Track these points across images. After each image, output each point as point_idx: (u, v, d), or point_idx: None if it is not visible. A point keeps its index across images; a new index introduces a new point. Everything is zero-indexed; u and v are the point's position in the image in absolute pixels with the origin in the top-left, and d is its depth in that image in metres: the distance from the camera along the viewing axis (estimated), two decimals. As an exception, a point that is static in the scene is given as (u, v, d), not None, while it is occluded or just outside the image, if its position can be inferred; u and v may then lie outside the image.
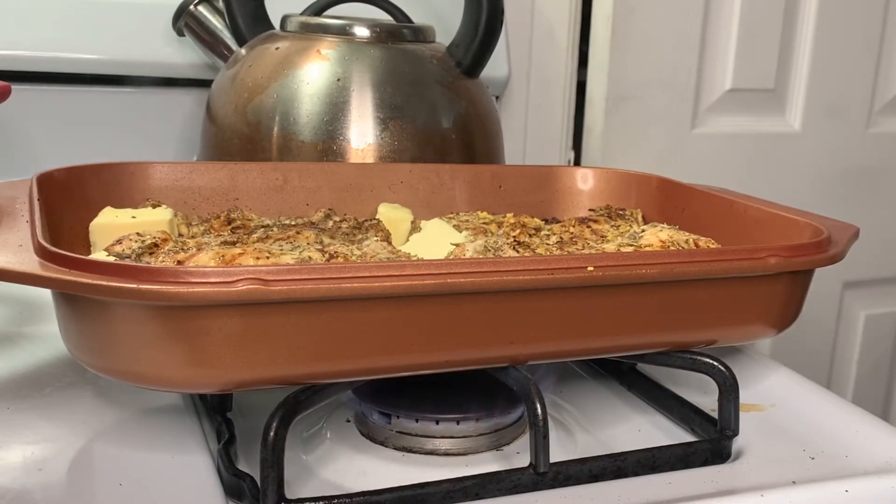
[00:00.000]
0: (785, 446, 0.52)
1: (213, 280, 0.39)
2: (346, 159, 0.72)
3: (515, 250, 0.56)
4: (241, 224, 0.61)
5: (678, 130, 1.20)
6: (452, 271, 0.43)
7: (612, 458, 0.48)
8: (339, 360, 0.43)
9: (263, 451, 0.42)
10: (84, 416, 0.52)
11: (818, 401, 0.58)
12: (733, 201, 0.64)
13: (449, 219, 0.67)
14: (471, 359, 0.46)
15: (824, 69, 1.24)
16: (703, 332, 0.52)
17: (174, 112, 0.94)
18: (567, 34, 1.15)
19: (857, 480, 0.48)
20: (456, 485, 0.44)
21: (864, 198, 1.31)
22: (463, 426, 0.51)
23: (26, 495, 0.43)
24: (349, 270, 0.42)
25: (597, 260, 0.46)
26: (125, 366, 0.43)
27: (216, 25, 0.85)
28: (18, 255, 0.42)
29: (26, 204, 0.52)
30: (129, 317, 0.41)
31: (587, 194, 0.74)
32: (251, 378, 0.42)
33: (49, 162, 0.61)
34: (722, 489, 0.47)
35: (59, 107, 0.91)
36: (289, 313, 0.41)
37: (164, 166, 0.63)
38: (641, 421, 0.56)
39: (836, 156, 1.28)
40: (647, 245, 0.57)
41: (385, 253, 0.53)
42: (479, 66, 0.79)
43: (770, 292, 0.52)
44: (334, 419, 0.54)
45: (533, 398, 0.46)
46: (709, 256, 0.49)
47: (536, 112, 1.17)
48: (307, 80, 0.73)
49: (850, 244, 0.55)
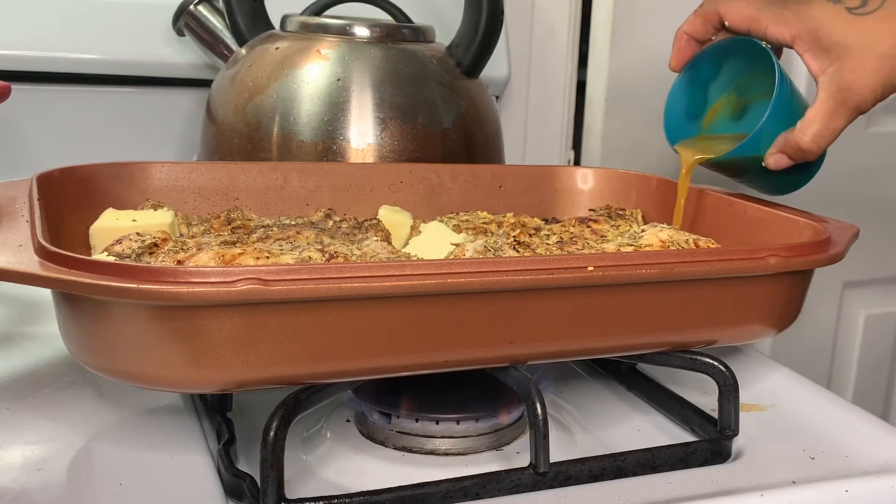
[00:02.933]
0: (785, 446, 0.52)
1: (213, 280, 0.39)
2: (346, 159, 0.72)
3: (515, 250, 0.56)
4: (241, 224, 0.61)
5: (678, 130, 1.20)
6: (452, 271, 0.43)
7: (612, 458, 0.48)
8: (339, 360, 0.43)
9: (263, 451, 0.42)
10: (84, 416, 0.52)
11: (818, 401, 0.58)
12: (733, 201, 0.64)
13: (449, 219, 0.67)
14: (471, 359, 0.46)
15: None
16: (703, 332, 0.52)
17: (174, 112, 0.94)
18: (567, 34, 1.15)
19: (857, 480, 0.48)
20: (456, 485, 0.44)
21: (864, 198, 1.31)
22: (463, 426, 0.51)
23: (26, 495, 0.43)
24: (349, 270, 0.42)
25: (597, 260, 0.46)
26: (125, 366, 0.43)
27: (216, 25, 0.85)
28: (18, 255, 0.42)
29: (26, 204, 0.52)
30: (129, 317, 0.41)
31: (587, 194, 0.74)
32: (251, 378, 0.42)
33: (49, 162, 0.61)
34: (722, 489, 0.47)
35: (59, 107, 0.91)
36: (289, 313, 0.41)
37: (164, 166, 0.63)
38: (641, 421, 0.56)
39: (835, 156, 1.28)
40: (647, 245, 0.57)
41: (385, 253, 0.53)
42: (479, 66, 0.79)
43: (770, 292, 0.52)
44: (334, 419, 0.54)
45: (533, 398, 0.46)
46: (709, 256, 0.49)
47: (536, 112, 1.17)
48: (307, 80, 0.73)
49: (850, 244, 0.55)
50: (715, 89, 0.69)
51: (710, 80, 0.68)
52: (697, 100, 0.69)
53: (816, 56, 0.59)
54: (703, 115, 0.69)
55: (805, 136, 0.59)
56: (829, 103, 0.58)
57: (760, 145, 0.62)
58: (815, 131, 0.59)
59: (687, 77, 0.67)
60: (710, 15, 0.63)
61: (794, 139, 0.60)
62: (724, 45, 0.65)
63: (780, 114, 0.61)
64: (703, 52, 0.66)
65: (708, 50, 0.65)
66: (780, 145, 0.61)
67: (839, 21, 0.58)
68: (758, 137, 0.61)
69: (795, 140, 0.60)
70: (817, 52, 0.59)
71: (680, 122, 0.69)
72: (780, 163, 0.61)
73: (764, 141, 0.62)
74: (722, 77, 0.68)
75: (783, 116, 0.61)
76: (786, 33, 0.60)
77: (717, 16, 0.63)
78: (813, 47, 0.59)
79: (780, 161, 0.61)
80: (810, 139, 0.59)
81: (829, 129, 0.59)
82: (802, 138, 0.59)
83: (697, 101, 0.69)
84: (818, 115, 0.59)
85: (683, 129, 0.69)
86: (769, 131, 0.61)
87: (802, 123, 0.59)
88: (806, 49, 0.59)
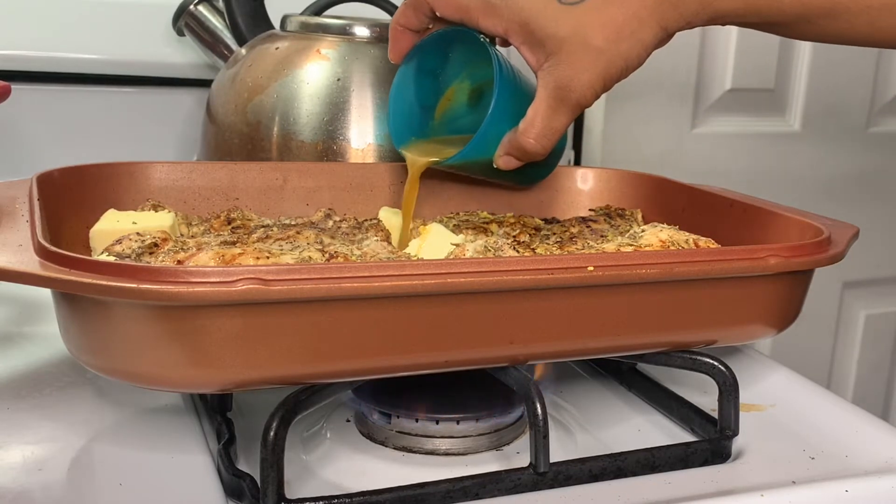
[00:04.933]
0: (785, 446, 0.52)
1: (213, 280, 0.39)
2: (346, 159, 0.72)
3: (515, 250, 0.56)
4: (241, 224, 0.61)
5: (678, 130, 1.20)
6: (452, 271, 0.43)
7: (612, 458, 0.48)
8: (339, 360, 0.43)
9: (263, 451, 0.42)
10: (84, 416, 0.52)
11: (818, 401, 0.58)
12: (733, 201, 0.64)
13: (449, 219, 0.67)
14: (471, 359, 0.46)
15: (824, 69, 1.24)
16: (703, 332, 0.52)
17: (174, 112, 0.94)
18: (567, 34, 1.15)
19: (857, 480, 0.48)
20: (456, 485, 0.44)
21: (864, 198, 1.31)
22: (463, 426, 0.51)
23: (26, 495, 0.43)
24: (349, 270, 0.42)
25: (597, 260, 0.46)
26: (125, 366, 0.43)
27: (216, 25, 0.85)
28: (18, 254, 0.42)
29: (26, 204, 0.52)
30: (129, 317, 0.41)
31: (587, 194, 0.74)
32: (251, 378, 0.42)
33: (49, 162, 0.61)
34: (722, 489, 0.47)
35: (59, 107, 0.91)
36: (289, 313, 0.41)
37: (164, 166, 0.63)
38: (641, 421, 0.56)
39: (836, 156, 1.28)
40: (647, 245, 0.57)
41: (385, 253, 0.53)
42: (479, 66, 0.79)
43: (770, 292, 0.52)
44: (334, 419, 0.54)
45: (533, 398, 0.46)
46: (709, 256, 0.49)
47: (536, 112, 1.17)
48: (307, 79, 0.73)
49: (850, 244, 0.55)
50: (446, 77, 0.65)
51: (438, 68, 0.64)
52: (428, 89, 0.65)
53: (532, 50, 0.54)
54: (436, 103, 0.65)
55: (528, 137, 0.55)
56: (549, 101, 0.54)
57: (488, 147, 0.58)
58: (537, 132, 0.55)
59: (411, 67, 0.63)
60: (421, 4, 0.58)
61: (517, 140, 0.56)
62: (445, 34, 0.60)
63: (504, 113, 0.57)
64: (424, 42, 0.61)
65: (428, 39, 0.61)
66: (505, 147, 0.57)
67: (550, 12, 0.53)
68: (483, 139, 0.57)
69: (519, 142, 0.56)
70: (532, 45, 0.54)
71: (410, 115, 0.65)
72: (510, 164, 0.58)
73: (491, 141, 0.58)
74: (452, 65, 0.64)
75: (508, 114, 0.57)
76: (497, 26, 0.55)
77: (428, 5, 0.58)
78: (527, 40, 0.54)
79: (509, 163, 0.58)
80: (533, 140, 0.55)
81: (551, 129, 0.55)
82: (526, 140, 0.56)
83: (428, 91, 0.65)
84: (538, 115, 0.55)
85: (414, 123, 0.65)
86: (494, 132, 0.58)
87: (524, 123, 0.56)
88: (520, 42, 0.55)
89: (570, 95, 0.54)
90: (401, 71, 0.63)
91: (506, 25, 0.55)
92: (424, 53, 0.62)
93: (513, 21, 0.54)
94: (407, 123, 0.64)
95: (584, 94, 0.54)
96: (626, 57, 0.53)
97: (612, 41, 0.53)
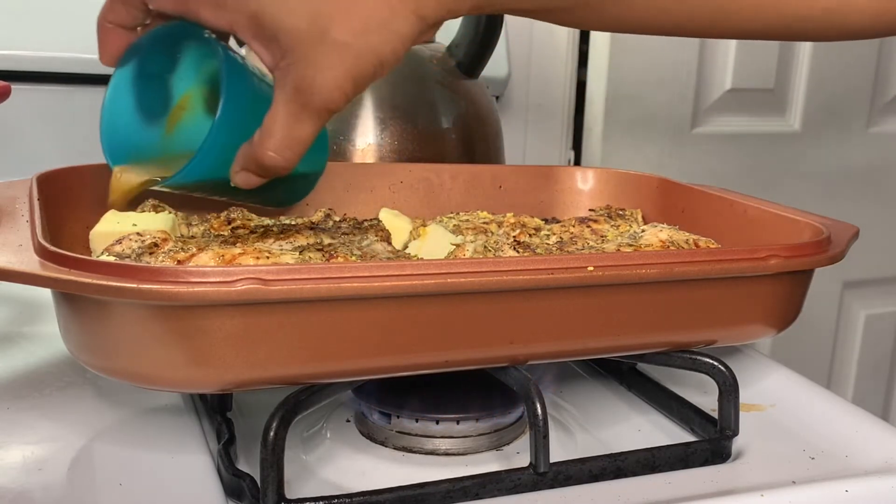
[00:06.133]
0: (785, 446, 0.52)
1: (213, 280, 0.39)
2: (346, 159, 0.72)
3: (515, 250, 0.56)
4: (241, 224, 0.61)
5: (678, 130, 1.20)
6: (452, 271, 0.43)
7: (612, 458, 0.48)
8: (339, 360, 0.43)
9: (263, 451, 0.42)
10: (84, 416, 0.52)
11: (818, 401, 0.58)
12: (733, 201, 0.64)
13: (449, 219, 0.67)
14: (471, 359, 0.46)
15: (824, 69, 1.24)
16: (703, 332, 0.52)
17: (174, 112, 0.94)
18: (567, 34, 1.15)
19: (857, 480, 0.48)
20: (456, 485, 0.44)
21: (864, 198, 1.31)
22: (463, 426, 0.51)
23: (26, 495, 0.43)
24: (349, 270, 0.42)
25: (597, 260, 0.46)
26: (125, 366, 0.43)
27: (216, 25, 0.85)
28: (18, 254, 0.42)
29: (26, 204, 0.52)
30: (129, 317, 0.41)
31: (587, 194, 0.74)
32: (251, 378, 0.42)
33: (49, 162, 0.61)
34: (722, 489, 0.47)
35: (59, 107, 0.91)
36: (289, 313, 0.41)
37: (164, 166, 0.63)
38: (641, 421, 0.56)
39: (836, 156, 1.28)
40: (647, 245, 0.57)
41: (385, 253, 0.53)
42: (478, 66, 0.79)
43: (770, 292, 0.52)
44: (334, 419, 0.54)
45: (533, 398, 0.46)
46: (709, 256, 0.49)
47: (536, 112, 1.17)
48: (307, 80, 0.73)
49: (850, 244, 0.55)
50: (178, 81, 0.54)
51: (166, 71, 0.53)
52: (155, 96, 0.53)
53: (264, 46, 0.45)
54: (166, 112, 0.54)
55: (266, 149, 0.46)
56: (289, 107, 0.45)
57: (219, 162, 0.48)
58: (276, 143, 0.45)
59: (129, 71, 0.51)
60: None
61: (253, 153, 0.46)
62: (165, 31, 0.50)
63: (237, 122, 0.48)
64: (141, 41, 0.50)
65: (145, 38, 0.50)
66: (241, 162, 0.47)
67: (283, 2, 0.44)
68: (210, 153, 0.47)
69: (255, 154, 0.46)
70: (264, 41, 0.45)
71: (131, 128, 0.53)
72: (250, 182, 0.48)
73: (222, 155, 0.48)
74: (182, 67, 0.53)
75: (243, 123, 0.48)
76: (221, 18, 0.46)
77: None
78: (258, 35, 0.45)
79: (248, 180, 0.48)
80: (273, 152, 0.46)
81: (293, 139, 0.46)
82: (264, 153, 0.46)
83: (156, 98, 0.53)
84: (277, 123, 0.45)
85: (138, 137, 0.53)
86: (225, 144, 0.47)
87: (260, 134, 0.46)
88: (251, 37, 0.46)
89: (314, 99, 0.45)
90: (116, 75, 0.51)
91: (231, 18, 0.46)
92: (145, 54, 0.51)
93: (239, 12, 0.45)
94: (127, 138, 0.53)
95: (330, 96, 0.45)
96: (377, 52, 0.45)
97: (359, 33, 0.44)
